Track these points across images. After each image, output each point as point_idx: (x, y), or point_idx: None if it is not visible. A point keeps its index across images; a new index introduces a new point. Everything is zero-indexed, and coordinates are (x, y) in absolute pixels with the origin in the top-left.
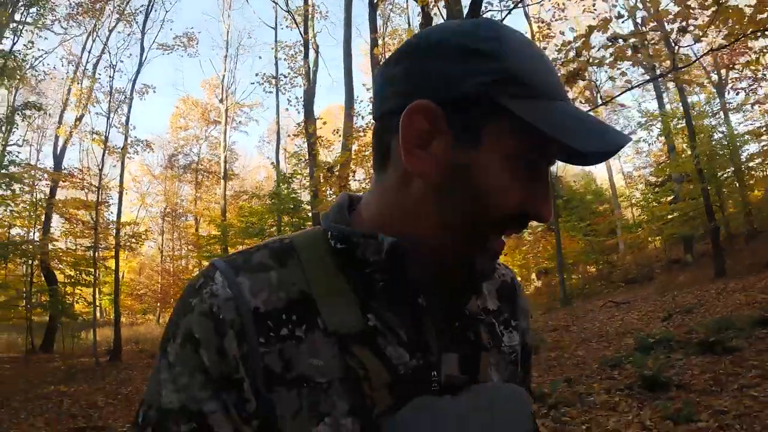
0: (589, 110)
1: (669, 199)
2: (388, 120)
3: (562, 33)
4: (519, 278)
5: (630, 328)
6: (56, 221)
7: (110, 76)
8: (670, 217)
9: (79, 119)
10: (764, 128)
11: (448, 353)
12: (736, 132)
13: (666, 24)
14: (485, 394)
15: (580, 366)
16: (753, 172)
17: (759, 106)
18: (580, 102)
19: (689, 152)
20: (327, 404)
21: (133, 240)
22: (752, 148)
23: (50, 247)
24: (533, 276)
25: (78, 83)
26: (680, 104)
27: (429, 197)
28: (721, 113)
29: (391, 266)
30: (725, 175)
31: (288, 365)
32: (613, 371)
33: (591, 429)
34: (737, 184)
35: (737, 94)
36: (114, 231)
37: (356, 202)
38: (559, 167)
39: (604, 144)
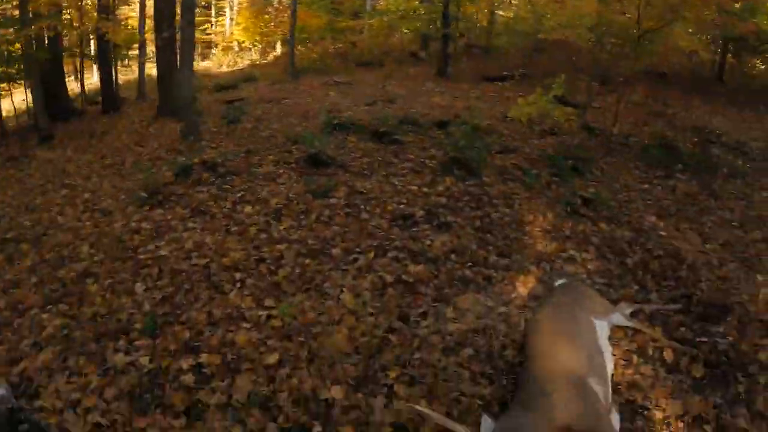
0: None
1: None
2: None
3: None
4: (260, 46)
5: (335, 108)
6: None
7: None
8: (420, 12)
9: None
10: None
11: None
12: None
13: None
14: None
15: (269, 139)
16: None
17: None
18: None
19: None
20: None
21: None
22: None
23: None
24: (278, 44)
25: None
26: None
27: None
28: None
29: None
30: None
31: None
32: (293, 146)
33: (245, 196)
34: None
35: None
36: None
37: None
38: None
39: None
